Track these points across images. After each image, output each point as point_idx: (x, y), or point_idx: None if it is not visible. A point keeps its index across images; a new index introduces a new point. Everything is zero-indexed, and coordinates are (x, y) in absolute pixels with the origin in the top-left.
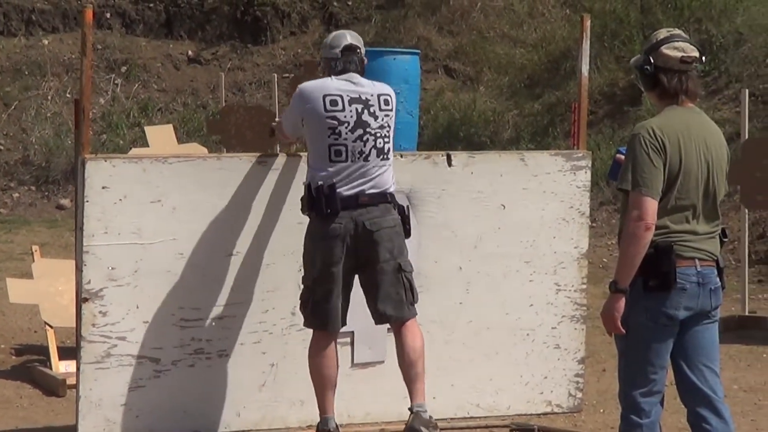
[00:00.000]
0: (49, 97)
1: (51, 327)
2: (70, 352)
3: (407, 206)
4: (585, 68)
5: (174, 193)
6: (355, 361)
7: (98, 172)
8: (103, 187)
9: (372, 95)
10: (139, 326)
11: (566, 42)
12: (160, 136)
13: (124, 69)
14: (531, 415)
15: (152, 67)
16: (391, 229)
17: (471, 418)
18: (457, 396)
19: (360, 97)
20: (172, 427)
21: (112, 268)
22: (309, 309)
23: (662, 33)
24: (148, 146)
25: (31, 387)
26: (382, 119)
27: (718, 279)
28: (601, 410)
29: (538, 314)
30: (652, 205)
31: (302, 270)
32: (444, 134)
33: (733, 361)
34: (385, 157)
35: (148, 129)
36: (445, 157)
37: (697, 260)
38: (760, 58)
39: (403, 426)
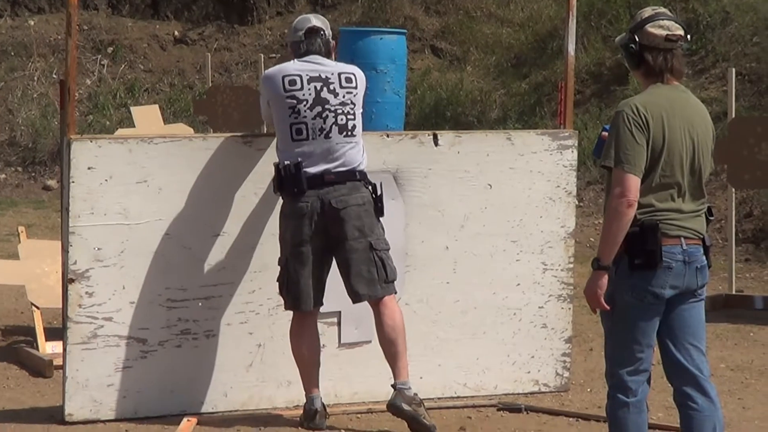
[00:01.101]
0: (36, 78)
1: (37, 308)
2: (56, 333)
3: (380, 184)
4: (571, 47)
5: (160, 174)
6: (342, 341)
7: (84, 152)
8: (89, 168)
9: (333, 73)
10: (126, 307)
11: (553, 21)
12: (147, 116)
13: (110, 50)
14: (518, 394)
15: (138, 48)
16: (359, 207)
17: (458, 397)
18: (444, 376)
19: (320, 75)
20: (159, 407)
21: (99, 249)
22: (284, 290)
23: (647, 11)
24: (134, 127)
25: (18, 368)
26: (344, 96)
27: (704, 257)
28: (588, 389)
29: (525, 293)
30: (634, 182)
31: None
32: (431, 114)
33: (720, 340)
34: (350, 134)
35: (134, 109)
36: (431, 137)
37: (682, 238)
38: (747, 37)
39: (380, 406)
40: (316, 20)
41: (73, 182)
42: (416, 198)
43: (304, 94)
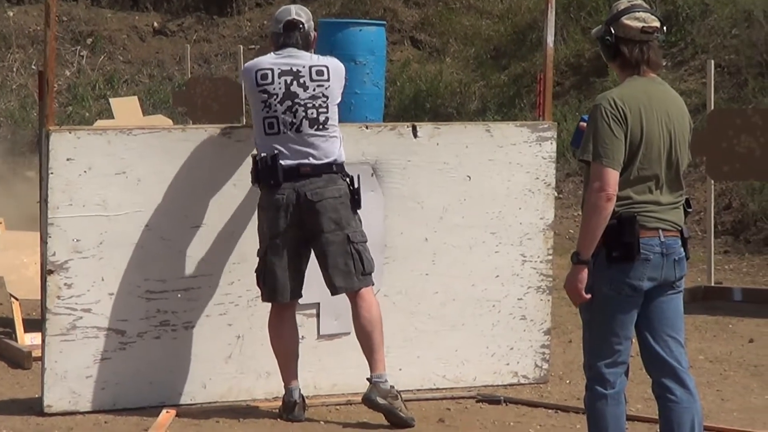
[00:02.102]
0: (15, 69)
1: (16, 299)
2: (35, 325)
3: (357, 176)
4: (551, 39)
5: (139, 165)
6: (321, 333)
7: (62, 143)
8: (68, 159)
9: (304, 67)
10: (105, 298)
11: (532, 13)
12: (126, 108)
13: (89, 41)
14: (497, 386)
15: (118, 39)
16: (335, 200)
17: (437, 389)
18: (423, 367)
19: (291, 69)
20: (138, 399)
21: (77, 240)
22: (261, 281)
23: (623, 3)
24: (113, 118)
25: None
26: (314, 90)
27: (682, 249)
28: (567, 381)
29: (504, 285)
30: (613, 176)
31: None
32: (410, 106)
33: (699, 332)
34: (321, 127)
35: (113, 101)
36: (410, 129)
37: (660, 231)
38: (726, 29)
39: (359, 398)
40: (295, 13)
41: (51, 173)
42: (395, 190)
43: (274, 88)
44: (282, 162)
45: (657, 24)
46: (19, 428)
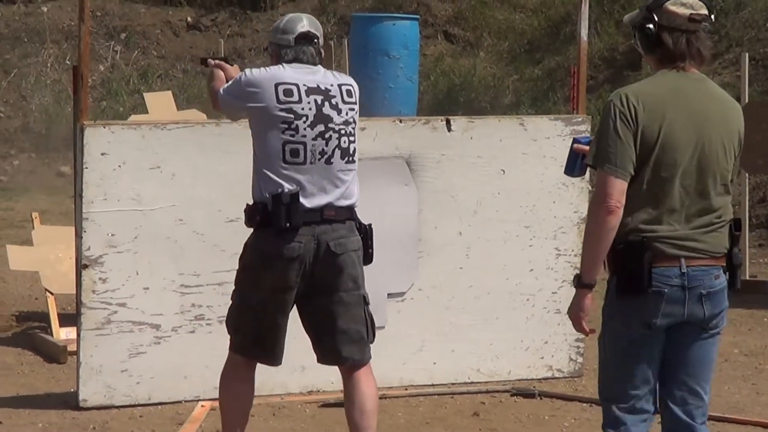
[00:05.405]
0: (49, 65)
1: (51, 294)
2: (70, 319)
3: (370, 226)
4: (584, 33)
5: (173, 160)
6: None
7: (97, 138)
8: (102, 154)
9: (333, 85)
10: (139, 293)
11: (566, 6)
12: (160, 102)
13: (123, 36)
14: (532, 380)
15: (151, 34)
16: (355, 253)
17: (471, 383)
18: (457, 361)
19: (318, 86)
20: (173, 393)
21: (112, 235)
22: (249, 338)
23: None
24: (147, 113)
25: (32, 354)
26: (347, 113)
27: (716, 281)
28: None
29: (538, 279)
30: (616, 186)
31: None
32: (444, 100)
33: (734, 326)
34: (351, 159)
35: (147, 96)
36: (444, 122)
37: (682, 259)
38: (761, 22)
39: (394, 392)
40: (309, 24)
41: (86, 168)
42: (429, 184)
43: (303, 108)
44: (302, 201)
45: (705, 11)
46: (55, 422)
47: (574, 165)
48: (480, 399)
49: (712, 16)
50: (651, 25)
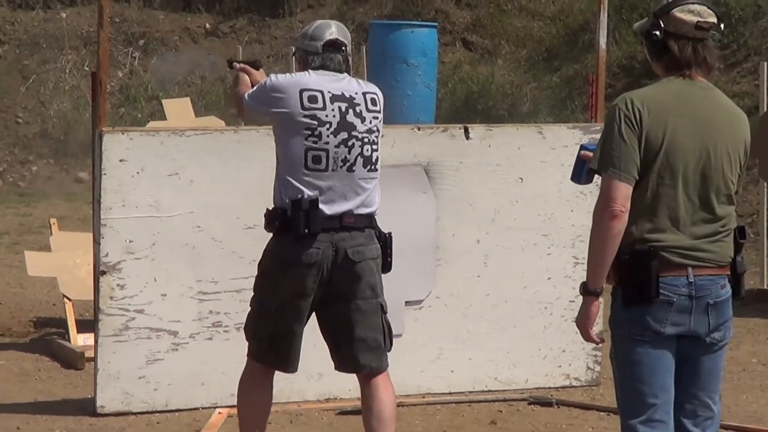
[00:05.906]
0: (67, 71)
1: (69, 300)
2: (88, 325)
3: (389, 234)
4: (603, 41)
5: (191, 166)
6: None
7: (115, 145)
8: (121, 160)
9: (357, 93)
10: (157, 299)
11: (584, 15)
12: (178, 109)
13: (141, 42)
14: (549, 388)
15: (170, 41)
16: (373, 261)
17: (489, 391)
18: (474, 369)
19: (343, 94)
20: (190, 399)
21: (130, 241)
22: (265, 344)
23: None
24: (165, 119)
25: (50, 360)
26: (370, 122)
27: (722, 290)
28: None
29: (556, 287)
30: (621, 190)
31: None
32: (462, 107)
33: (752, 335)
34: (373, 168)
35: (165, 102)
36: (462, 130)
37: (689, 268)
38: None
39: (411, 400)
40: (338, 31)
41: (104, 174)
42: (447, 191)
43: (327, 115)
44: (322, 207)
45: (714, 20)
46: (73, 428)
47: (581, 172)
48: (497, 407)
49: (722, 25)
50: (657, 32)
